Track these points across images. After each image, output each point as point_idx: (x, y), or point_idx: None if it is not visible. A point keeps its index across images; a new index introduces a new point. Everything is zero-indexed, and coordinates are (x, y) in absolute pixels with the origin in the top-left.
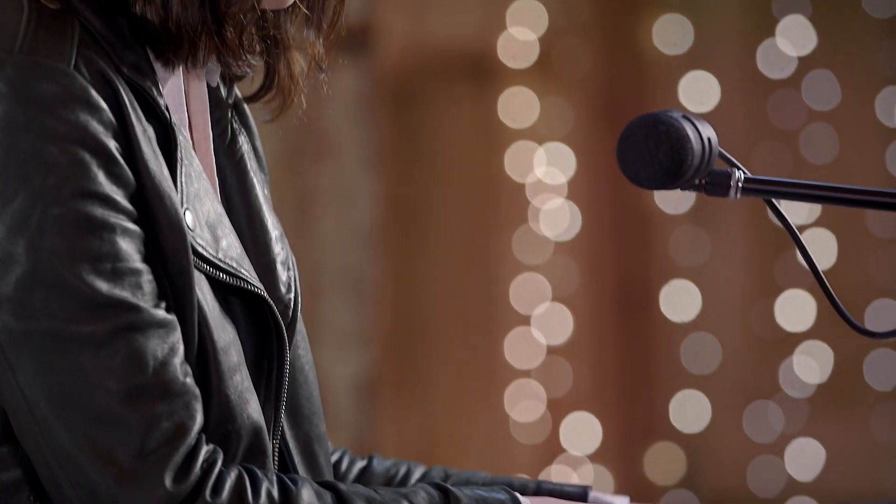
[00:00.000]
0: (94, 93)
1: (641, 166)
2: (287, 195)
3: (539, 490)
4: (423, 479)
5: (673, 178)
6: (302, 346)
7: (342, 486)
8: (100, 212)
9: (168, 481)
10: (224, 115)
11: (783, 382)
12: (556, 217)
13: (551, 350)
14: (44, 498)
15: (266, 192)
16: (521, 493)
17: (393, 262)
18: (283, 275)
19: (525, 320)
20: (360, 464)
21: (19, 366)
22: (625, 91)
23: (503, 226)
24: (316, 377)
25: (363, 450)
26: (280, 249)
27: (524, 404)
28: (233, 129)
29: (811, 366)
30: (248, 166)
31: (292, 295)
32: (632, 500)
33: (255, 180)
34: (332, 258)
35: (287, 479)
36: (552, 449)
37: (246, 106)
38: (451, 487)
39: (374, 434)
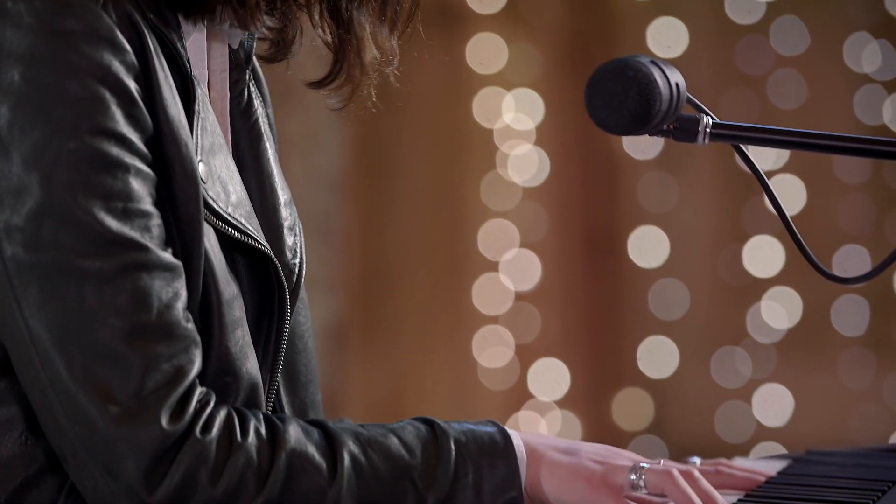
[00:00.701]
0: (119, 34)
1: (610, 112)
2: None
3: None
4: None
5: (641, 123)
6: (303, 314)
7: (330, 423)
8: (115, 150)
9: (164, 421)
10: (242, 79)
11: (751, 328)
12: (524, 163)
13: (519, 296)
14: (37, 436)
15: (278, 160)
16: None
17: (361, 208)
18: (289, 239)
19: (493, 266)
20: None
21: (24, 296)
22: (593, 37)
23: (471, 172)
24: (314, 346)
25: (331, 397)
26: (288, 215)
27: (492, 350)
28: (249, 94)
29: (779, 311)
30: (262, 130)
31: (297, 261)
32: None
33: (267, 144)
34: (299, 204)
35: (275, 418)
36: (520, 395)
37: (262, 75)
38: (437, 420)
39: (342, 380)
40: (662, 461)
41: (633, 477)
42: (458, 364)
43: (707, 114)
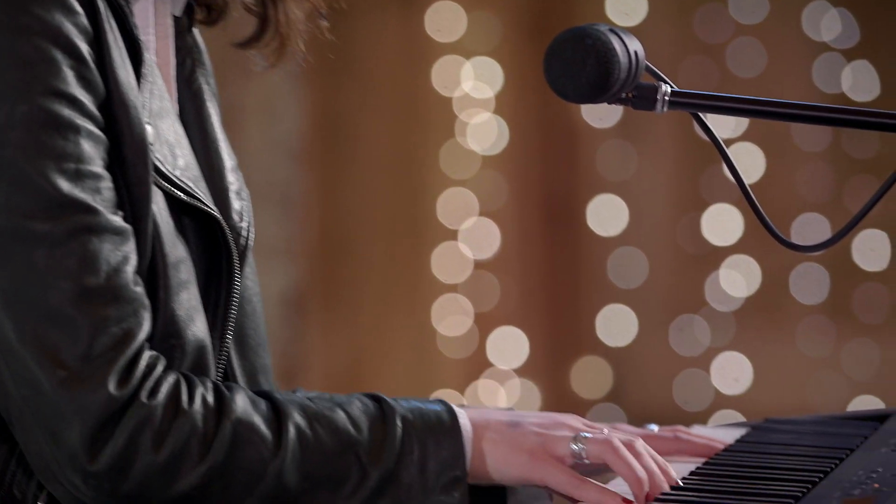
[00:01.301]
0: None
1: (568, 80)
2: None
3: None
4: None
5: (600, 91)
6: (251, 279)
7: (277, 395)
8: (67, 112)
9: (111, 385)
10: (185, 46)
11: (710, 296)
12: (483, 131)
13: (478, 264)
14: None
15: (222, 126)
16: None
17: (319, 176)
18: (236, 204)
19: (452, 235)
20: None
21: None
22: (552, 5)
23: (430, 140)
24: (263, 311)
25: (290, 366)
26: (234, 180)
27: (451, 319)
28: (193, 61)
29: (737, 280)
30: (205, 97)
31: (245, 224)
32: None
33: (211, 111)
34: (258, 173)
35: (223, 386)
36: (479, 363)
37: (203, 44)
38: (385, 397)
39: (301, 349)
40: (606, 430)
41: (575, 447)
42: (417, 332)
43: (666, 82)
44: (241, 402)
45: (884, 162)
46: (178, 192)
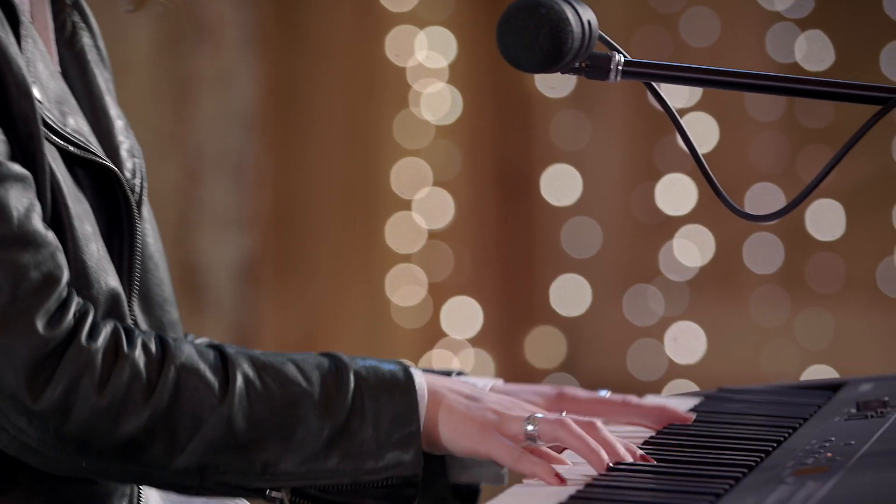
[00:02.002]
0: None
1: (521, 49)
2: (167, 79)
3: None
4: None
5: (553, 61)
6: (151, 235)
7: (227, 346)
8: None
9: (40, 327)
10: (62, 9)
11: (663, 266)
12: (437, 101)
13: (432, 234)
14: None
15: (111, 87)
16: None
17: (273, 146)
18: (128, 162)
19: (406, 205)
20: None
21: None
22: None
23: (384, 110)
24: (167, 266)
25: (243, 336)
26: (124, 138)
27: (405, 289)
28: (73, 23)
29: (691, 249)
30: (89, 58)
31: (138, 181)
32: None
33: (96, 71)
34: (211, 142)
35: (168, 337)
36: (433, 333)
37: (87, 6)
38: (341, 354)
39: (255, 319)
40: (564, 415)
41: (529, 427)
42: (371, 302)
43: (619, 51)
44: (187, 350)
45: (837, 132)
46: (71, 147)
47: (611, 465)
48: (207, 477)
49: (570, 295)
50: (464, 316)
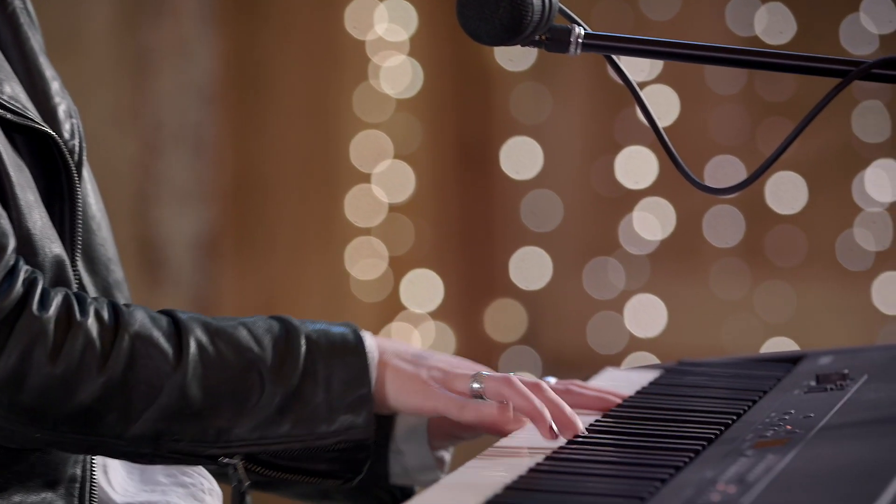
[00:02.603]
0: None
1: (482, 22)
2: (126, 52)
3: None
4: None
5: (513, 34)
6: (92, 195)
7: (179, 312)
8: None
9: None
10: None
11: (623, 239)
12: (397, 74)
13: (392, 208)
14: None
15: (43, 48)
16: None
17: (233, 119)
18: (66, 123)
19: (366, 178)
20: None
21: None
22: None
23: (344, 83)
24: (109, 226)
25: (202, 309)
26: (61, 99)
27: (365, 262)
28: None
29: (651, 222)
30: (21, 21)
31: (76, 141)
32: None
33: (29, 33)
34: (171, 115)
35: (120, 305)
36: (393, 306)
37: None
38: (290, 318)
39: (214, 292)
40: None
41: (475, 385)
42: (331, 276)
43: (579, 24)
44: (140, 317)
45: (797, 104)
46: (8, 115)
47: (554, 427)
48: (162, 445)
49: (530, 268)
50: (424, 289)
